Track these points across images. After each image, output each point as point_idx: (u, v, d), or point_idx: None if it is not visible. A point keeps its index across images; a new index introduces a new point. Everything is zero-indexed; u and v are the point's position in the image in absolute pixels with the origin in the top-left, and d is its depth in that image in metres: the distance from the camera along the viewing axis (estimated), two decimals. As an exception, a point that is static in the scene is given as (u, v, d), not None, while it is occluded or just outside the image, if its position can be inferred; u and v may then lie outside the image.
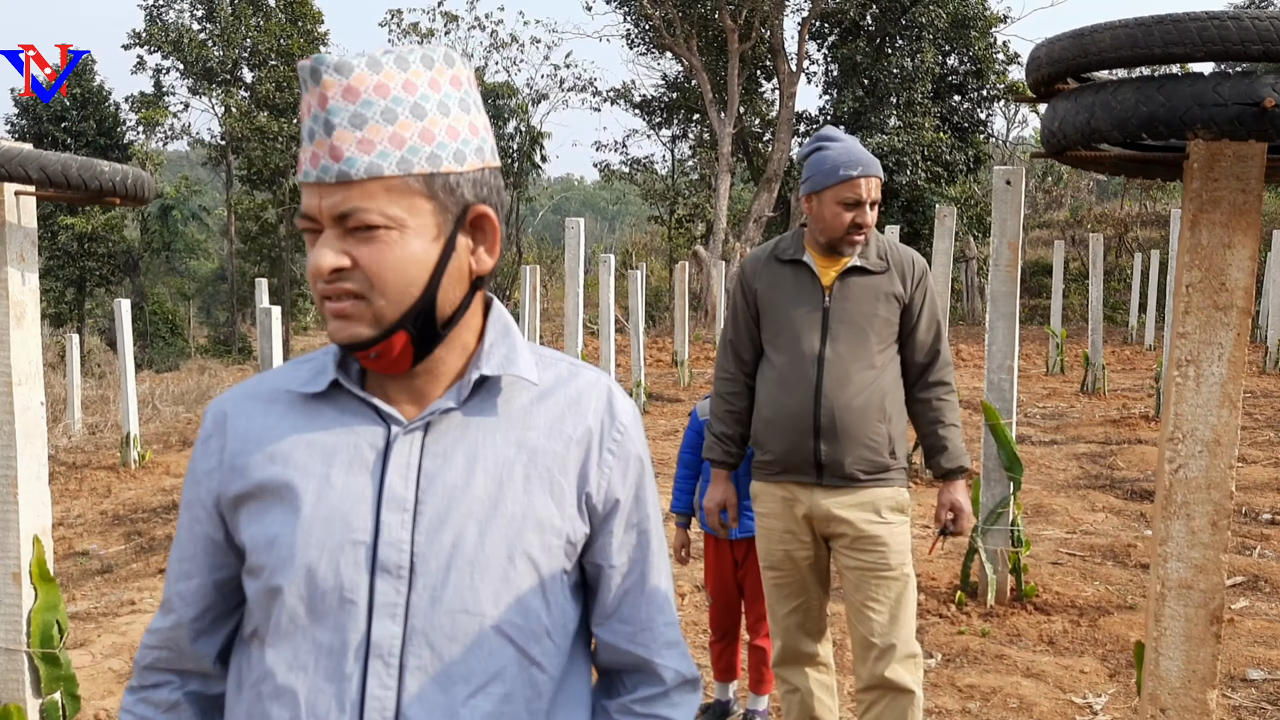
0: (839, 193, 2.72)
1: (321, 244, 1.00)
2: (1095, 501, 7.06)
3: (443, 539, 1.03)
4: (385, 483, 1.04)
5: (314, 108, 0.99)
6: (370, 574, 1.02)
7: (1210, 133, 1.96)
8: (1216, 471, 2.21)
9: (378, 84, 0.98)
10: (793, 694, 3.08)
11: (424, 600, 1.02)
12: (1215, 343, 2.18)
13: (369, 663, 1.01)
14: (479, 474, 1.06)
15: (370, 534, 1.03)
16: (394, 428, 1.06)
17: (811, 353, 2.77)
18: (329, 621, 1.02)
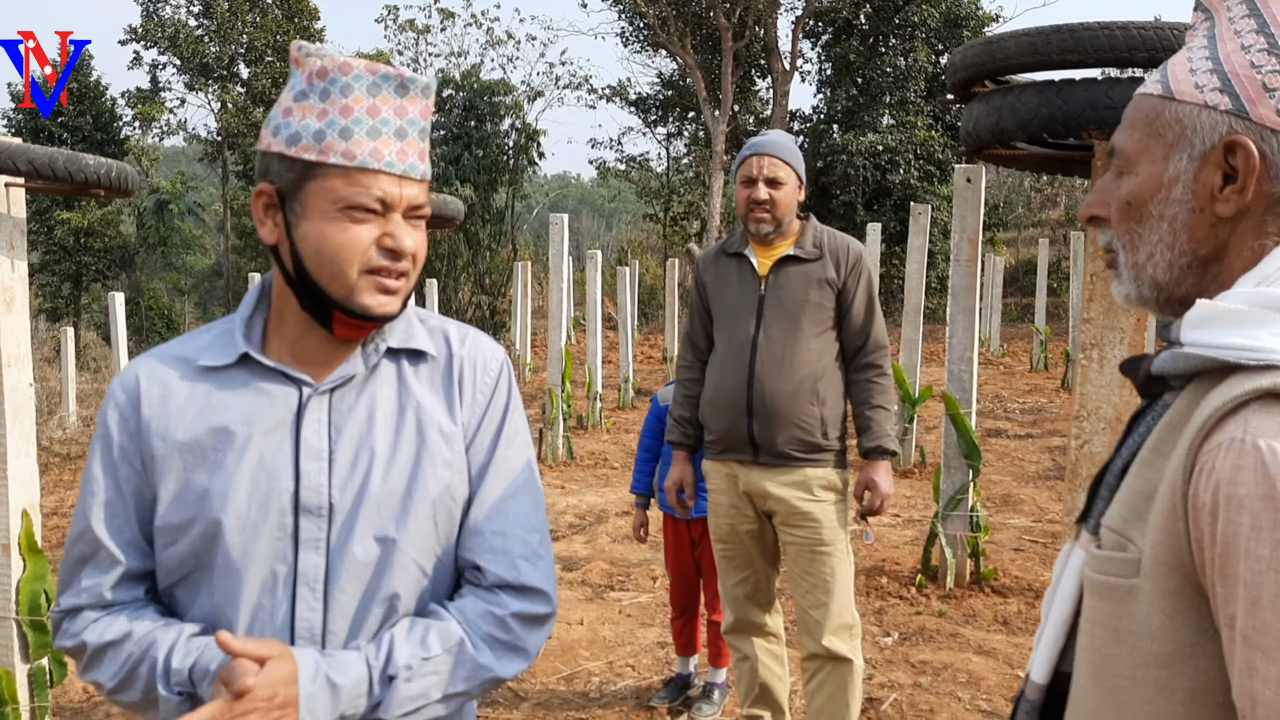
0: (740, 173, 2.96)
1: (401, 228, 1.19)
2: (1062, 492, 7.23)
3: (354, 481, 1.23)
4: (302, 437, 1.23)
5: (410, 114, 1.20)
6: (295, 515, 1.21)
7: (1102, 133, 2.13)
8: (1118, 447, 2.38)
9: (431, 107, 1.24)
10: (743, 662, 3.25)
11: (341, 534, 1.22)
12: (1117, 328, 2.36)
13: (297, 590, 1.21)
14: (379, 424, 1.25)
15: (293, 481, 1.21)
16: (305, 390, 1.24)
17: (746, 338, 2.95)
18: (260, 558, 1.20)
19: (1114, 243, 0.99)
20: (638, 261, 23.19)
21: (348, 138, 1.17)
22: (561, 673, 4.12)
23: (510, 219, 27.87)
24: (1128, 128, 0.96)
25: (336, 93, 1.18)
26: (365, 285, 1.19)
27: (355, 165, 1.16)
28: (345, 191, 1.17)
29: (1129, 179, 0.95)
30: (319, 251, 1.18)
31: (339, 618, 1.22)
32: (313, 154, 1.17)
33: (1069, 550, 0.99)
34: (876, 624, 4.60)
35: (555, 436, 8.56)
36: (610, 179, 31.91)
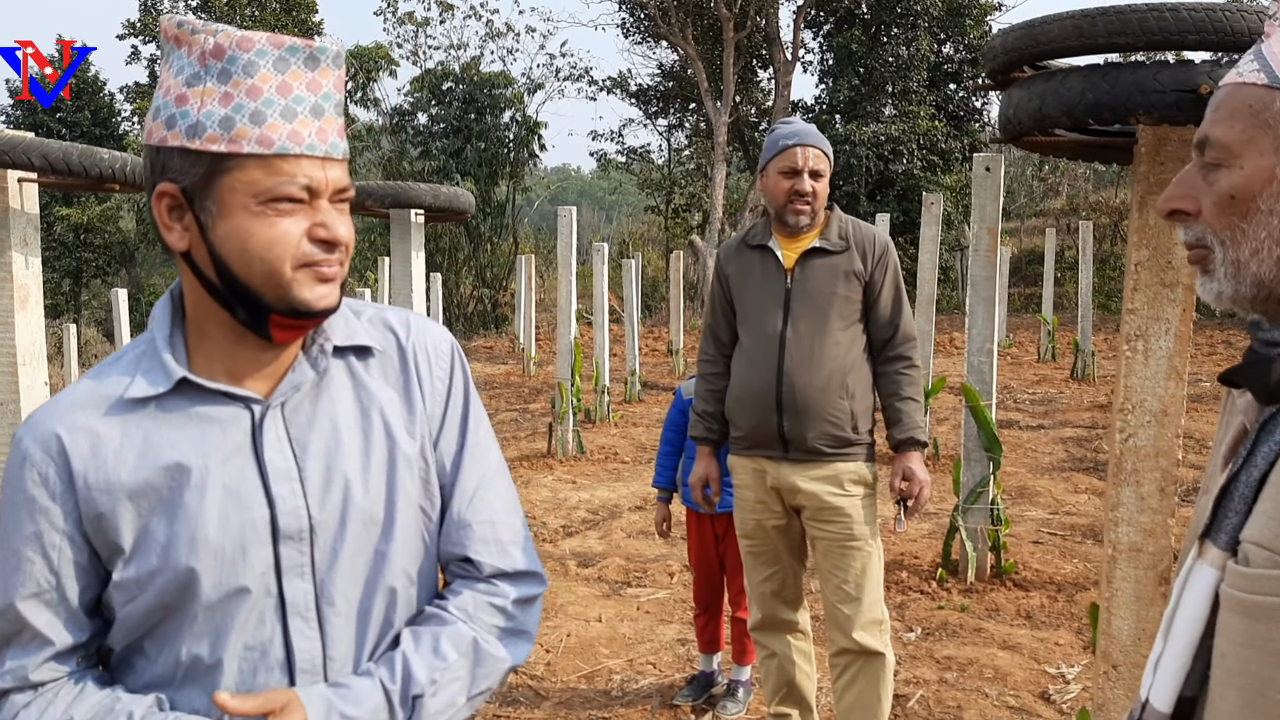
0: (779, 163, 2.88)
1: (332, 216, 1.08)
2: (1078, 483, 7.18)
3: (332, 497, 1.13)
4: (265, 459, 1.11)
5: (325, 87, 1.07)
6: (274, 544, 1.11)
7: (1151, 118, 2.07)
8: (1164, 440, 2.32)
9: (343, 76, 1.12)
10: (770, 659, 3.20)
11: (326, 555, 1.13)
12: (1162, 318, 2.30)
13: (288, 621, 1.11)
14: (344, 431, 1.16)
15: (266, 507, 1.11)
16: (255, 407, 1.13)
17: (774, 333, 2.90)
18: (243, 596, 1.10)
19: (1207, 238, 0.94)
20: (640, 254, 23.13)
21: (260, 122, 1.03)
22: (582, 671, 4.07)
23: (511, 212, 27.80)
24: (1227, 118, 0.91)
25: (239, 72, 1.04)
26: (302, 280, 1.07)
27: (274, 152, 1.04)
28: (266, 183, 1.04)
29: (1229, 172, 0.91)
30: (245, 251, 1.05)
31: (338, 643, 1.14)
32: (222, 144, 1.03)
33: (1190, 567, 0.93)
34: (898, 619, 4.55)
35: (565, 431, 8.50)
36: (611, 171, 31.80)
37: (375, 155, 27.03)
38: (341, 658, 1.14)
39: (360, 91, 26.51)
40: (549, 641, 4.35)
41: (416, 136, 26.87)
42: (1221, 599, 0.87)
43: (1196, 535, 0.95)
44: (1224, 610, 0.86)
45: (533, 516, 6.62)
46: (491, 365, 17.22)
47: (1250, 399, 0.92)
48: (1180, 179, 0.96)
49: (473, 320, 26.34)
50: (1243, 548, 0.85)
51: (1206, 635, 0.89)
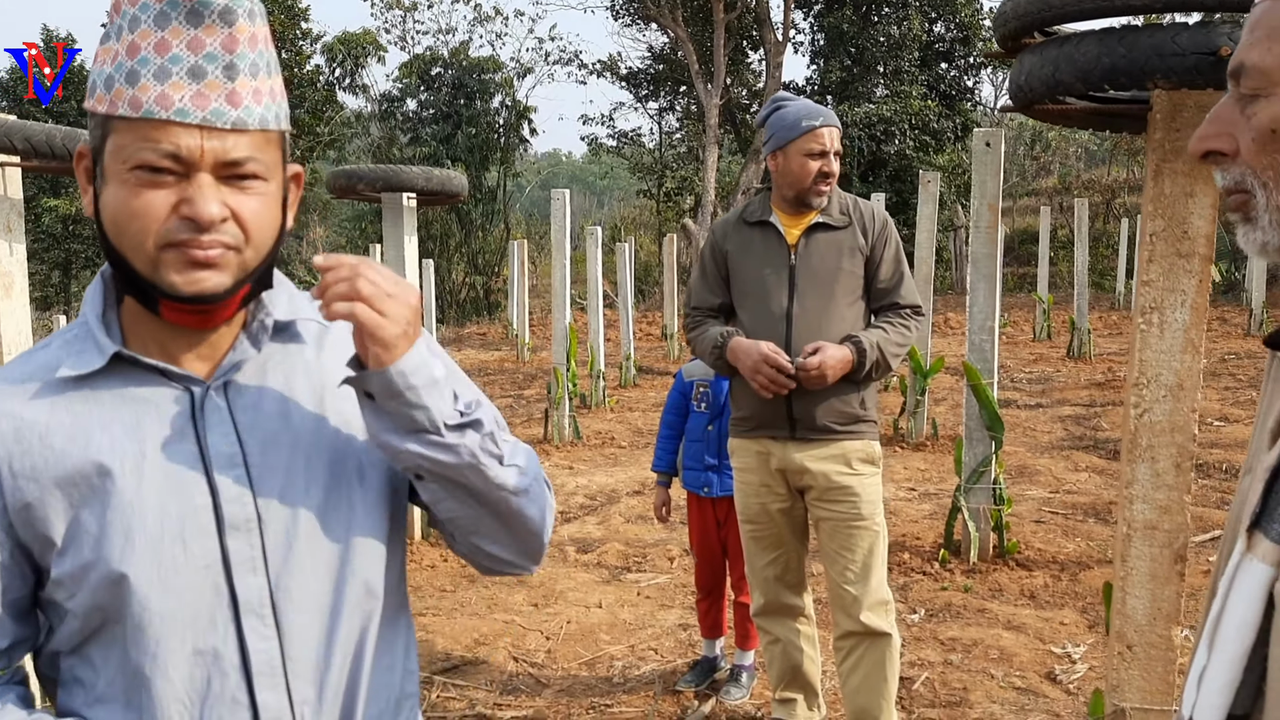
0: (803, 144, 2.81)
1: (202, 190, 0.96)
2: (1079, 462, 7.15)
3: (281, 484, 1.05)
4: (207, 444, 1.03)
5: (209, 46, 0.96)
6: (219, 536, 1.01)
7: (1170, 82, 2.01)
8: (1180, 415, 2.27)
9: (265, 35, 1.00)
10: (774, 644, 3.15)
11: (280, 546, 1.04)
12: (1178, 290, 2.24)
13: (242, 620, 1.02)
14: (293, 413, 1.07)
15: (209, 497, 1.02)
16: (195, 388, 1.04)
17: (780, 310, 2.84)
18: (188, 595, 1.00)
19: (1247, 180, 0.81)
20: (632, 238, 23.03)
21: (134, 82, 0.94)
22: (583, 657, 4.03)
23: (502, 197, 27.67)
24: (1265, 40, 0.79)
25: (126, 28, 0.95)
26: (169, 261, 0.97)
27: (140, 115, 0.94)
28: (131, 149, 0.95)
29: (1270, 102, 0.78)
30: (114, 222, 0.97)
31: (298, 643, 1.04)
32: (104, 105, 0.96)
33: (1238, 563, 0.80)
34: (902, 601, 4.51)
35: (561, 416, 8.44)
36: (602, 155, 31.67)
37: (364, 142, 26.87)
38: (304, 658, 1.05)
39: (349, 78, 26.31)
40: (549, 629, 4.30)
41: (406, 123, 26.70)
42: (1277, 600, 0.75)
43: (1242, 524, 0.83)
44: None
45: (530, 502, 6.57)
46: (485, 352, 17.15)
47: None
48: (1214, 115, 0.84)
49: (465, 307, 26.25)
50: None
51: (1260, 643, 0.77)
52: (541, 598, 4.68)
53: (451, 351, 17.17)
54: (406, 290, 1.02)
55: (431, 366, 1.03)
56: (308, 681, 1.05)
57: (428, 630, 4.24)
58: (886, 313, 2.92)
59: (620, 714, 3.53)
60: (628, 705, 3.59)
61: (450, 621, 4.35)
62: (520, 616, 4.44)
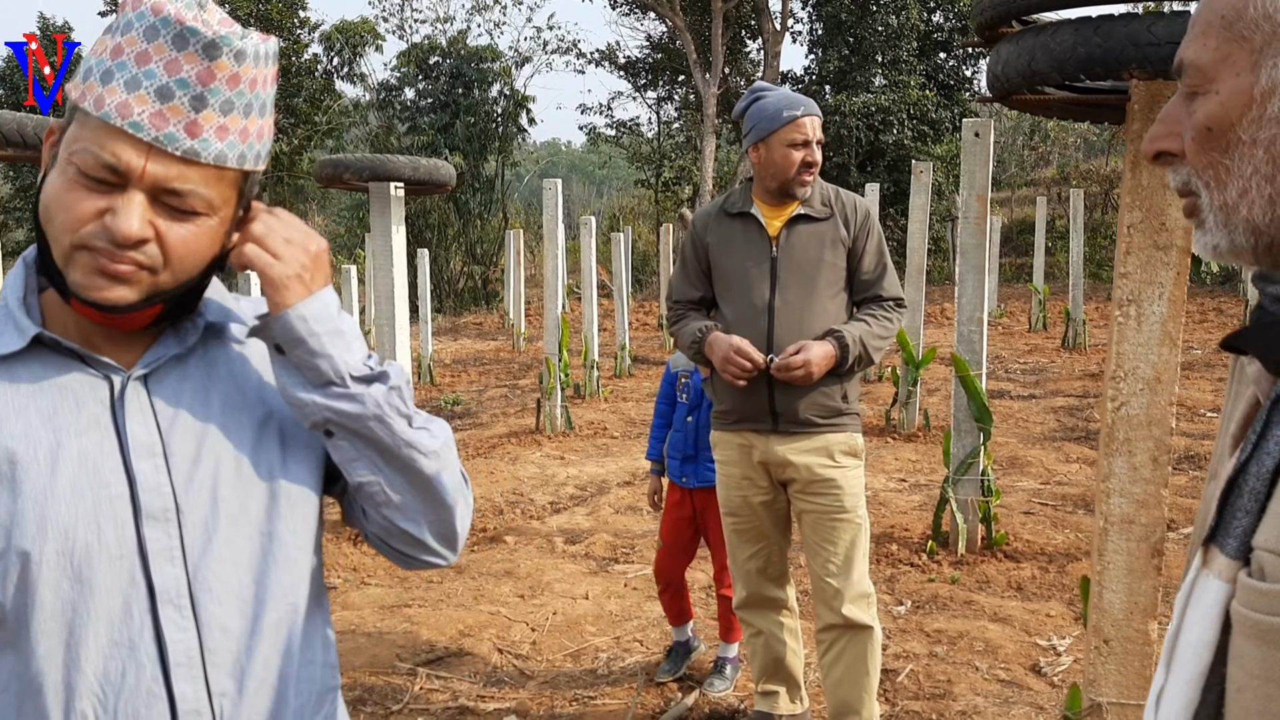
0: (785, 135, 2.78)
1: (129, 207, 0.95)
2: (1070, 453, 7.14)
3: (201, 474, 1.04)
4: (127, 433, 1.02)
5: (184, 73, 0.96)
6: (136, 525, 1.00)
7: (1145, 72, 1.99)
8: (1157, 408, 2.25)
9: (253, 78, 1.00)
10: (756, 637, 3.14)
11: (199, 536, 1.03)
12: (1156, 282, 2.22)
13: (159, 611, 1.01)
14: (216, 406, 1.07)
15: (126, 485, 1.00)
16: (116, 377, 1.03)
17: (762, 303, 2.82)
18: (101, 584, 0.98)
19: (1193, 182, 0.78)
20: (630, 228, 22.97)
21: (106, 82, 0.95)
22: (568, 649, 4.02)
23: (500, 187, 27.62)
24: (1199, 35, 0.76)
25: (118, 29, 0.96)
26: (79, 261, 0.96)
27: (98, 116, 0.94)
28: (77, 144, 0.95)
29: (1206, 99, 0.75)
30: (47, 207, 0.97)
31: (217, 634, 1.03)
32: (76, 93, 0.97)
33: (1194, 578, 0.77)
34: (889, 592, 4.50)
35: (553, 406, 8.43)
36: (600, 145, 31.59)
37: (362, 131, 26.79)
38: (223, 649, 1.04)
39: (347, 67, 26.22)
40: (535, 620, 4.30)
41: (404, 112, 26.63)
42: (1233, 619, 0.71)
43: (1198, 536, 0.80)
44: (1237, 634, 0.70)
45: (520, 493, 6.56)
46: (482, 341, 17.13)
47: (1260, 368, 0.77)
48: (1164, 114, 0.80)
49: (463, 296, 26.21)
50: (1256, 556, 0.69)
51: (1218, 663, 0.74)
52: (528, 589, 4.67)
53: (448, 341, 17.18)
54: (307, 238, 1.05)
55: (337, 319, 1.05)
56: (227, 673, 1.04)
57: (413, 621, 4.24)
58: (869, 305, 2.90)
59: (603, 706, 3.53)
60: (611, 697, 3.59)
61: (436, 613, 4.35)
62: (506, 608, 4.44)
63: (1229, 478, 0.76)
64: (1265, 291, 0.78)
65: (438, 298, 23.68)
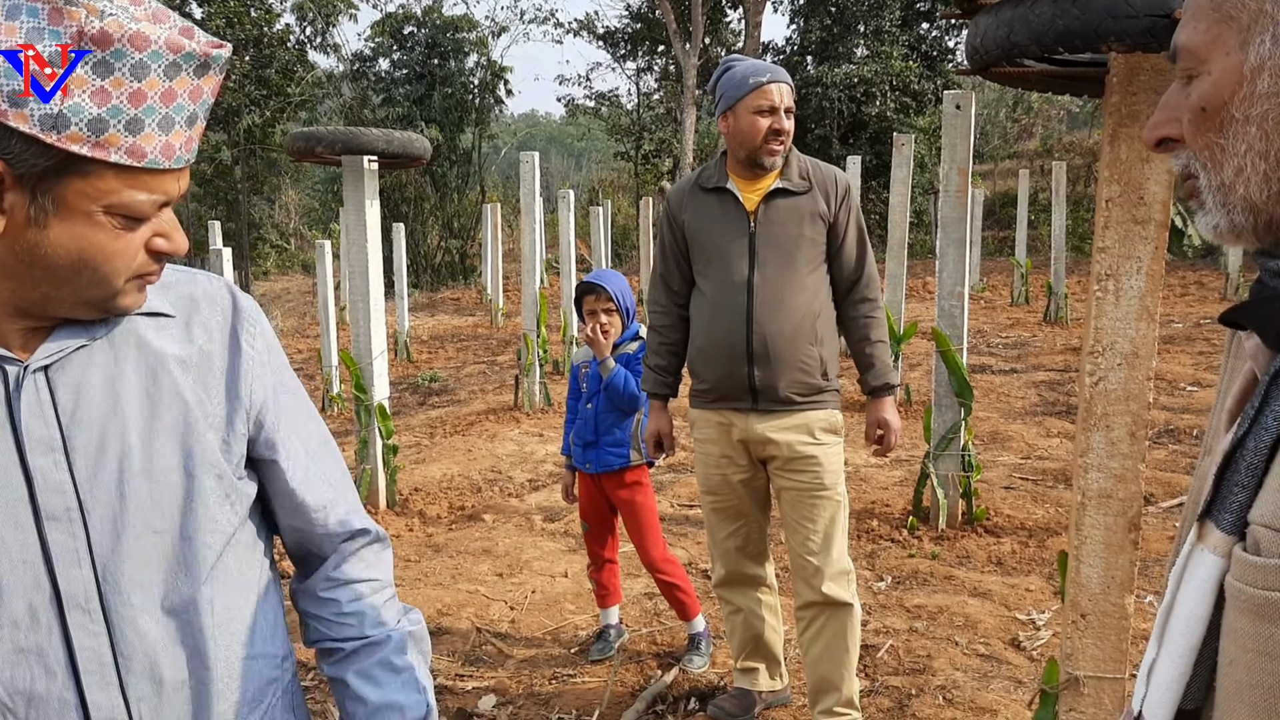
0: (751, 101, 2.74)
1: (175, 226, 0.99)
2: (1051, 427, 7.16)
3: (106, 469, 0.99)
4: (22, 428, 0.96)
5: (204, 94, 0.97)
6: (38, 527, 0.96)
7: (1124, 45, 1.95)
8: (1135, 383, 2.24)
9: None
10: (736, 615, 3.13)
11: (106, 536, 0.99)
12: (1134, 256, 2.20)
13: (66, 616, 0.97)
14: (124, 396, 1.02)
15: (24, 486, 0.96)
16: (10, 368, 0.97)
17: (740, 279, 2.78)
18: (4, 590, 0.94)
19: (1192, 164, 0.79)
20: (610, 201, 22.85)
21: (136, 131, 0.91)
22: (547, 627, 4.01)
23: (478, 160, 27.37)
24: (1190, 19, 0.78)
25: (125, 71, 0.89)
26: (129, 289, 0.99)
27: (143, 165, 0.92)
28: (124, 196, 0.92)
29: (1200, 81, 0.77)
30: (79, 261, 0.93)
31: (130, 637, 0.99)
32: (84, 146, 0.88)
33: (1189, 553, 0.78)
34: (869, 568, 4.51)
35: (532, 383, 8.39)
36: (579, 117, 31.36)
37: (336, 103, 26.46)
38: (138, 653, 1.00)
39: (319, 37, 25.86)
40: (514, 598, 4.28)
41: (379, 83, 26.30)
42: (1227, 594, 0.72)
43: (1194, 512, 0.80)
44: (1230, 608, 0.71)
45: (498, 470, 6.53)
46: (459, 317, 17.03)
47: (1259, 342, 0.77)
48: (1164, 100, 0.82)
49: (440, 271, 26.03)
50: (1251, 531, 0.70)
51: (1210, 637, 0.75)
52: (507, 567, 4.65)
53: (425, 317, 17.07)
54: None
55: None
56: (143, 678, 1.00)
57: (391, 601, 4.21)
58: (860, 306, 2.89)
59: (583, 684, 3.52)
60: (590, 675, 3.58)
61: (414, 592, 4.32)
62: (485, 586, 4.42)
63: (1226, 453, 0.77)
64: (1265, 266, 0.78)
65: (414, 273, 23.52)
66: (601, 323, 3.45)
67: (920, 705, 3.25)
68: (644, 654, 3.74)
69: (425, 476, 6.34)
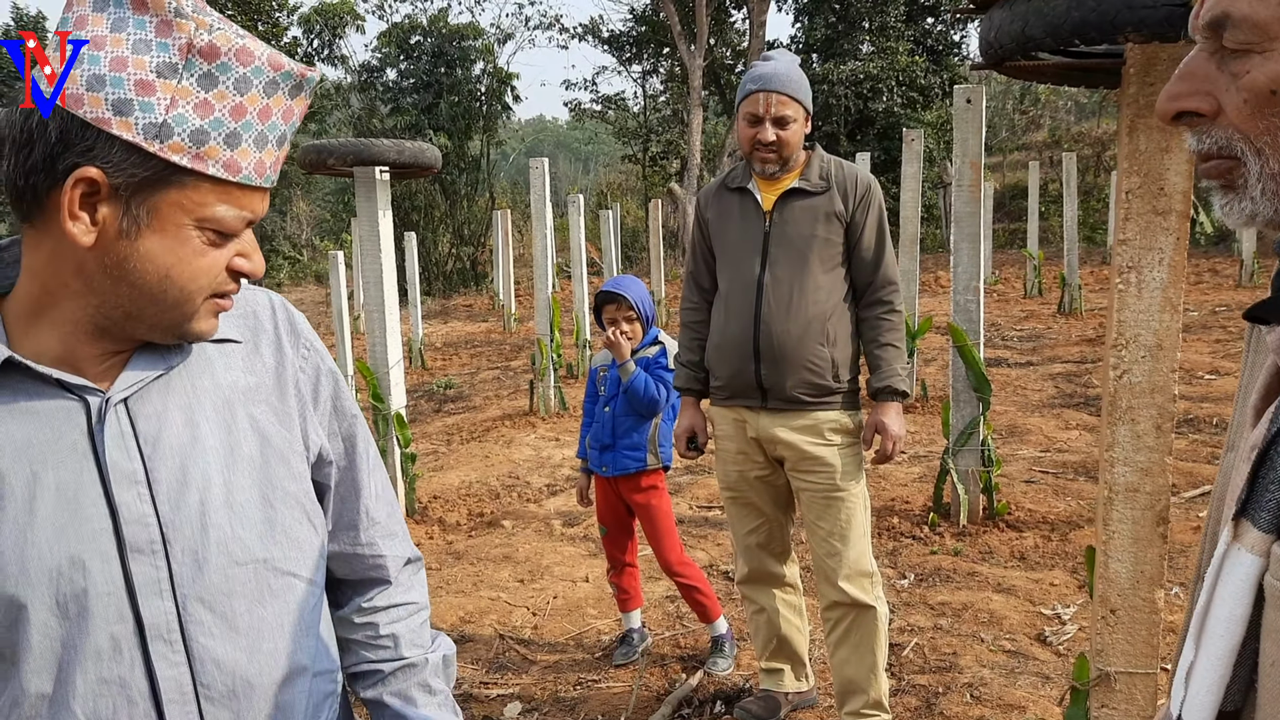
0: (744, 109, 2.75)
1: (255, 248, 1.01)
2: (1069, 420, 7.13)
3: (189, 501, 0.99)
4: (106, 460, 0.96)
5: (295, 115, 0.99)
6: (121, 559, 0.96)
7: (1141, 35, 1.93)
8: (1160, 376, 2.22)
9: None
10: (759, 614, 3.12)
11: (188, 568, 0.99)
12: (1156, 248, 2.18)
13: (149, 647, 0.97)
14: (202, 425, 1.02)
15: (109, 519, 0.95)
16: (93, 400, 0.97)
17: (751, 278, 2.78)
18: (90, 622, 0.95)
19: (1235, 146, 0.73)
20: (618, 204, 22.84)
21: (234, 145, 0.92)
22: (570, 633, 4.00)
23: (486, 166, 27.43)
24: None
25: (229, 85, 0.91)
26: (205, 311, 0.99)
27: (237, 180, 0.93)
28: (216, 210, 0.93)
29: (1266, 59, 0.70)
30: (166, 276, 0.93)
31: (210, 667, 1.00)
32: (185, 158, 0.90)
33: (1224, 552, 0.76)
34: (891, 566, 4.49)
35: (546, 388, 8.39)
36: (586, 121, 31.38)
37: (345, 114, 26.56)
38: (217, 682, 1.01)
39: (327, 49, 25.97)
40: (536, 604, 4.27)
41: (386, 93, 26.39)
42: (1267, 593, 0.70)
43: (1228, 510, 0.78)
44: (1271, 608, 0.70)
45: (516, 476, 6.53)
46: (472, 323, 17.06)
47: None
48: (1187, 71, 0.75)
49: (452, 278, 26.09)
50: None
51: (1250, 637, 0.73)
52: (528, 573, 4.65)
53: (438, 324, 17.10)
54: None
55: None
56: (223, 706, 1.01)
57: (413, 610, 4.21)
58: (876, 308, 2.84)
59: (607, 689, 3.51)
60: (615, 680, 3.57)
61: (436, 600, 4.32)
62: (506, 593, 4.41)
63: (1260, 450, 0.74)
64: None
65: (426, 280, 23.57)
66: (623, 330, 3.46)
67: (948, 703, 3.23)
68: (668, 657, 3.73)
69: (444, 484, 6.34)
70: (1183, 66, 0.76)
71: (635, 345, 3.50)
